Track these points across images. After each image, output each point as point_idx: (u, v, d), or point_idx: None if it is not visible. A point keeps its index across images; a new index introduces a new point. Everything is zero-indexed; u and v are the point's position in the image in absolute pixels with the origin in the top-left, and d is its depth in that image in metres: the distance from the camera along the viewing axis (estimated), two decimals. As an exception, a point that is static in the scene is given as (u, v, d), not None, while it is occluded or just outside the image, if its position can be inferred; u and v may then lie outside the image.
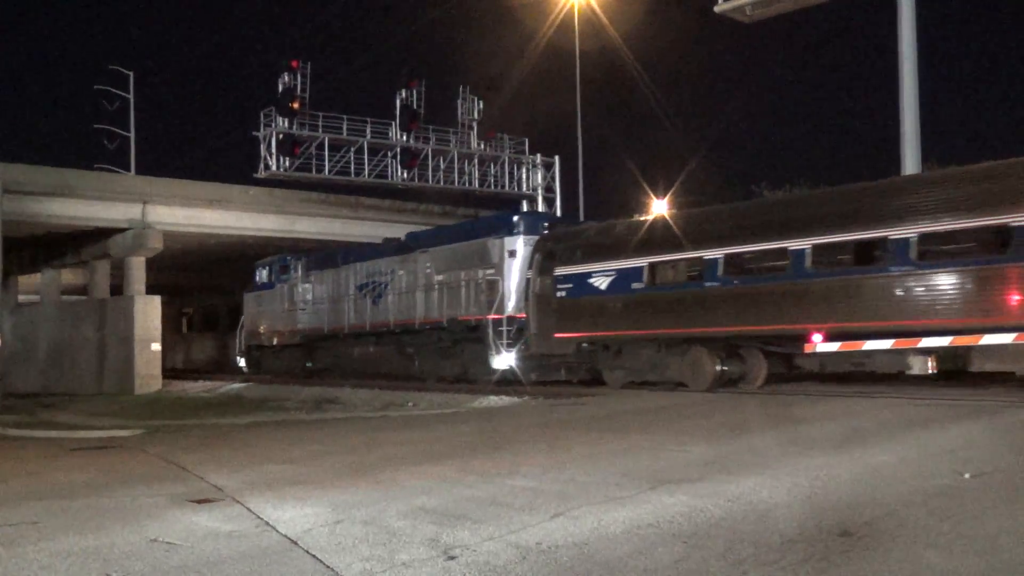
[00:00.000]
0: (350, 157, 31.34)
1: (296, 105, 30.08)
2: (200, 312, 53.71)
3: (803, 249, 16.37)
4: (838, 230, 15.96)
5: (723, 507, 6.75)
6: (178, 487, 8.56)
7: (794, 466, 8.36)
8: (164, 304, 36.13)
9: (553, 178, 35.54)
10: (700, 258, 18.35)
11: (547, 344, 21.53)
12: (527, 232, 23.91)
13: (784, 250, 16.74)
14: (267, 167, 30.23)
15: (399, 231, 37.18)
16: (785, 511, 6.62)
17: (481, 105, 34.00)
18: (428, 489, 7.82)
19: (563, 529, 6.23)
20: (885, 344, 15.19)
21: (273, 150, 29.92)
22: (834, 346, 15.87)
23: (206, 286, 49.55)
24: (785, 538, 5.90)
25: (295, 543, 6.15)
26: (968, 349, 14.35)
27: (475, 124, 33.86)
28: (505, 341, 23.00)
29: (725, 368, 18.19)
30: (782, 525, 6.21)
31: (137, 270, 33.58)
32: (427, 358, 26.70)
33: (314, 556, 5.82)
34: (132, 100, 44.15)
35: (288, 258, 33.98)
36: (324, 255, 32.62)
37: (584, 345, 20.87)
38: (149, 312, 33.11)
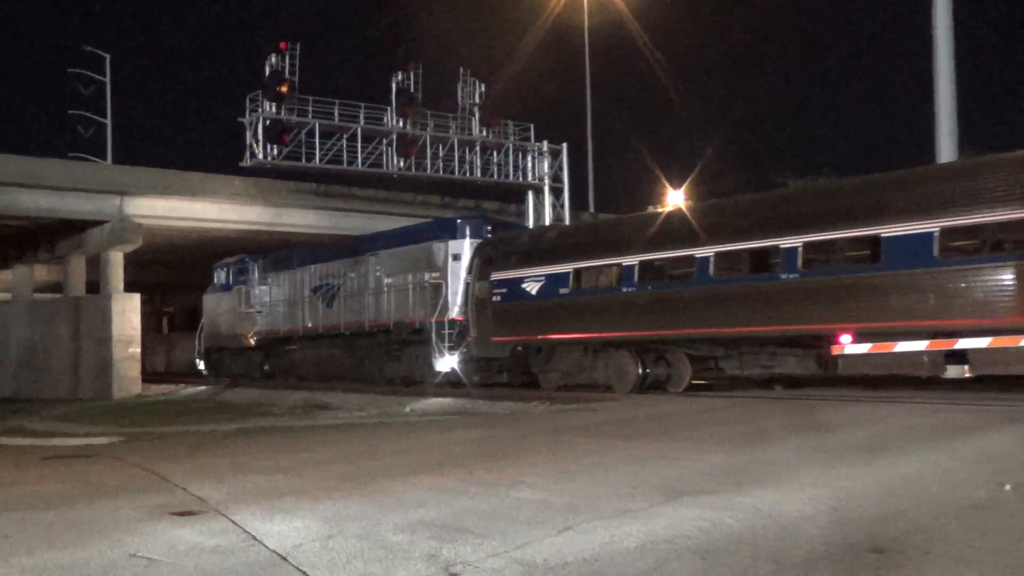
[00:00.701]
0: (342, 145, 31.33)
1: (285, 89, 30.08)
2: (182, 311, 53.66)
3: (707, 257, 18.75)
4: (737, 240, 18.42)
5: (743, 520, 6.75)
6: (159, 498, 8.58)
7: (818, 476, 8.35)
8: (144, 303, 36.21)
9: (561, 167, 35.49)
10: (619, 264, 20.71)
11: (486, 347, 23.89)
12: (472, 236, 26.54)
13: (692, 257, 19.11)
14: (253, 155, 30.23)
15: (394, 224, 37.19)
16: (809, 525, 6.61)
17: (483, 89, 33.97)
18: (426, 501, 7.82)
19: (571, 544, 6.23)
20: (919, 345, 15.33)
21: (260, 137, 29.91)
22: (864, 347, 15.96)
23: (189, 283, 49.50)
24: (810, 554, 5.90)
25: (284, 559, 6.15)
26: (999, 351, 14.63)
27: (477, 109, 33.84)
28: (447, 344, 25.41)
29: (648, 371, 20.20)
30: (806, 540, 6.21)
31: (115, 266, 33.64)
32: (375, 361, 29.06)
33: (304, 573, 5.83)
34: (109, 84, 44.21)
35: (247, 259, 35.73)
36: (281, 256, 34.51)
37: (519, 348, 23.26)
38: (128, 311, 33.18)
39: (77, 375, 33.90)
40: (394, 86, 32.54)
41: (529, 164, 35.23)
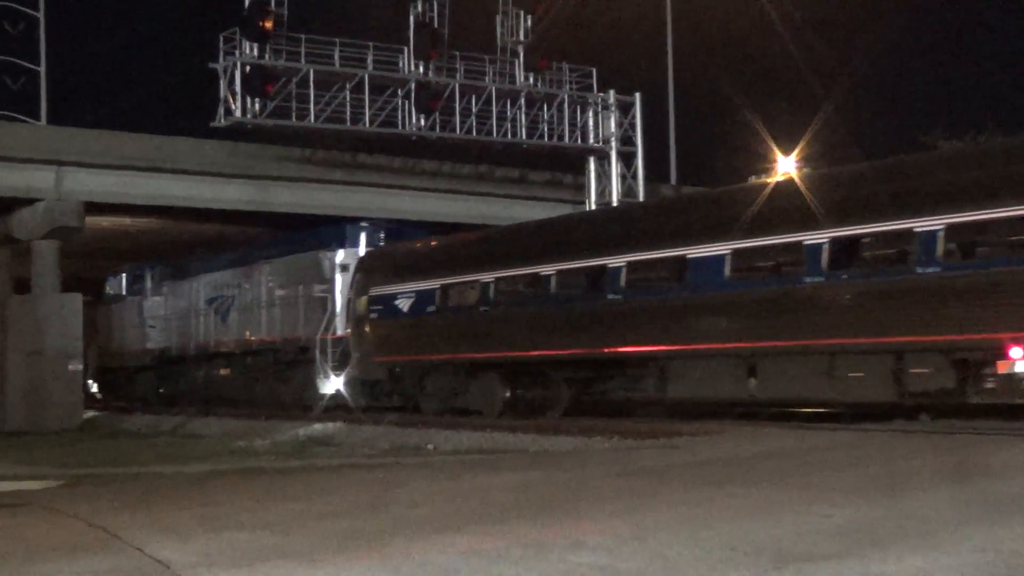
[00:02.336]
0: (345, 98, 31.52)
1: (269, 24, 30.32)
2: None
3: (549, 275, 23.63)
4: (576, 258, 23.35)
5: (878, 596, 6.69)
6: (108, 562, 8.65)
7: (980, 539, 8.24)
8: (87, 306, 36.64)
9: (632, 125, 35.41)
10: (479, 281, 24.99)
11: (366, 368, 28.18)
12: (368, 244, 30.70)
13: (538, 275, 23.70)
14: (229, 112, 30.52)
15: (411, 202, 37.30)
16: (968, 603, 6.54)
17: (529, 23, 33.97)
18: (456, 568, 7.83)
19: (648, 626, 6.20)
20: None
21: (238, 88, 30.20)
22: None
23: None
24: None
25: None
26: None
27: (521, 49, 33.86)
28: (331, 364, 29.33)
29: (518, 394, 24.35)
30: (963, 623, 6.14)
31: (49, 258, 34.07)
32: (265, 382, 33.16)
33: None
34: (43, 22, 44.77)
35: (144, 267, 38.99)
36: (178, 264, 37.75)
37: (396, 370, 27.57)
38: (67, 317, 33.58)
39: (1, 399, 34.39)
40: (412, 20, 32.68)
41: (590, 121, 35.17)
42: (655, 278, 22.11)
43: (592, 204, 35.21)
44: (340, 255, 30.83)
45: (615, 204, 32.10)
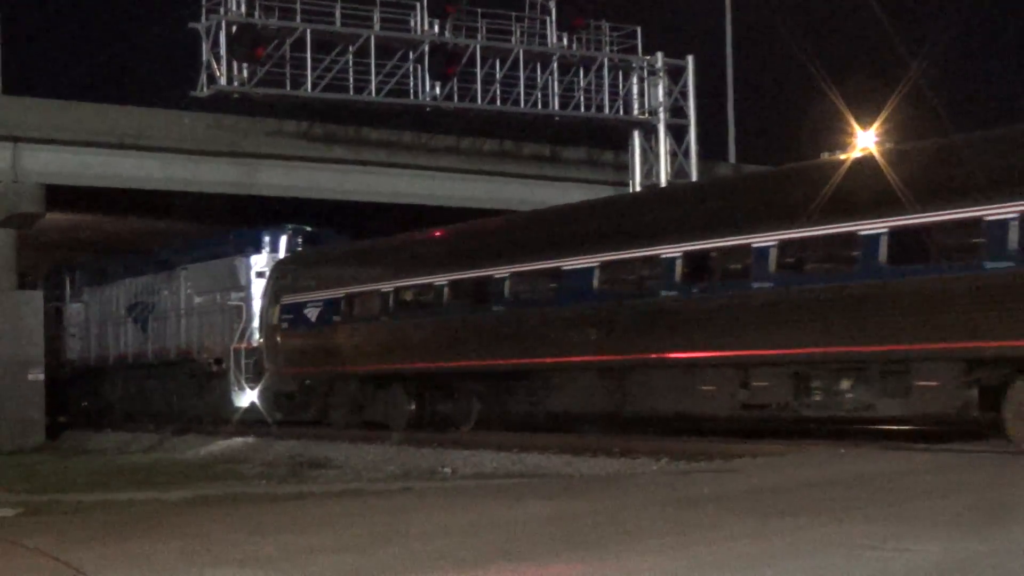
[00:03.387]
0: (348, 63, 31.56)
1: (259, -23, 30.37)
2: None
3: (443, 285, 27.30)
4: (466, 269, 27.07)
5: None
6: (73, 603, 8.69)
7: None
8: (49, 305, 36.87)
9: (684, 94, 35.29)
10: (378, 291, 28.87)
11: (278, 381, 31.89)
12: (288, 250, 34.07)
13: (432, 285, 27.55)
14: (213, 80, 30.62)
15: (426, 183, 37.31)
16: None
17: (563, -27, 33.94)
18: (479, 611, 7.85)
19: None
20: None
21: (223, 52, 30.27)
22: None
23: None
24: None
25: None
26: None
27: (553, 5, 33.83)
28: (245, 375, 32.73)
29: (425, 407, 27.92)
30: None
31: (4, 251, 34.21)
32: (184, 395, 36.31)
33: None
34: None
35: (63, 270, 41.29)
36: (99, 267, 40.20)
37: (307, 382, 31.29)
38: (25, 318, 33.72)
39: (-52, 415, 34.49)
40: (425, -30, 32.66)
41: (634, 89, 35.11)
42: (538, 289, 25.53)
43: (636, 185, 35.17)
44: (256, 261, 34.24)
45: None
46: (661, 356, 22.44)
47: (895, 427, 21.31)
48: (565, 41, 34.13)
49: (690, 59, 35.78)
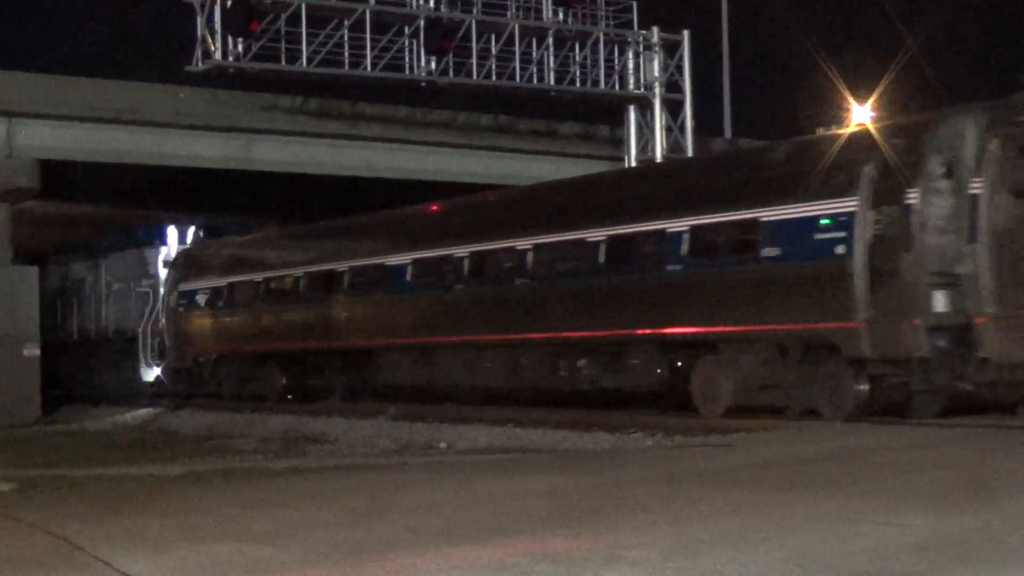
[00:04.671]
0: (343, 37, 31.45)
1: (254, -49, 30.23)
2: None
3: (300, 276, 32.80)
4: (315, 264, 32.37)
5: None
6: (70, 577, 8.70)
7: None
8: (44, 281, 36.83)
9: (680, 68, 35.19)
10: (252, 280, 34.41)
11: (177, 358, 37.34)
12: (193, 241, 39.59)
13: (293, 276, 33.01)
14: (208, 55, 30.47)
15: (421, 158, 37.26)
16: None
17: (559, -52, 33.78)
18: (473, 585, 7.86)
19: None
20: None
21: (218, 26, 30.15)
22: None
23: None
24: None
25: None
26: None
27: (548, -20, 33.68)
28: (151, 353, 38.91)
29: (296, 381, 33.12)
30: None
31: None
32: (101, 371, 42.07)
33: None
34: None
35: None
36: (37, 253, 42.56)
37: (200, 359, 36.24)
38: (21, 294, 33.67)
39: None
40: (421, -56, 32.53)
41: (630, 64, 35.00)
42: (370, 282, 30.27)
43: (632, 160, 35.07)
44: (163, 252, 39.76)
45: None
46: (451, 339, 27.37)
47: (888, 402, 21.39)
48: (561, 16, 33.97)
49: (686, 34, 35.60)
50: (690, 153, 34.42)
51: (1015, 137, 18.48)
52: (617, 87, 34.85)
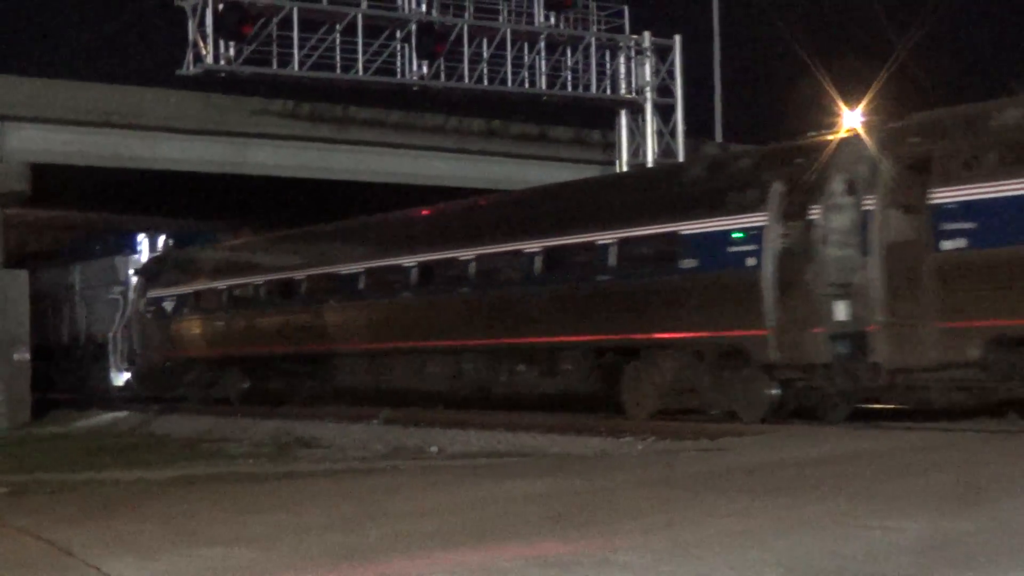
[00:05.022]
0: (334, 41, 31.44)
1: (246, -45, 30.21)
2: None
3: (259, 285, 34.84)
4: (272, 273, 34.42)
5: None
6: (60, 582, 8.68)
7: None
8: (34, 284, 36.79)
9: (671, 73, 35.22)
10: (216, 289, 36.10)
11: (146, 362, 38.94)
12: (162, 250, 41.44)
13: (251, 285, 34.84)
14: (200, 59, 30.43)
15: (413, 163, 37.25)
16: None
17: (552, -48, 33.80)
18: (466, 589, 7.85)
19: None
20: None
21: (209, 30, 30.11)
22: None
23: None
24: None
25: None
26: None
27: (540, -16, 33.69)
28: (121, 358, 40.68)
29: (258, 384, 34.98)
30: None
31: (-10, 229, 34.07)
32: (76, 374, 43.92)
33: None
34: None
35: None
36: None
37: (168, 364, 37.87)
38: (12, 298, 33.59)
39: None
40: (413, -51, 32.51)
41: (621, 69, 35.02)
42: (326, 289, 31.76)
43: (624, 164, 35.11)
44: (133, 260, 41.70)
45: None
46: (400, 345, 28.84)
47: (878, 407, 21.50)
48: (552, 20, 33.98)
49: (677, 38, 35.62)
50: (681, 157, 34.44)
51: (904, 157, 19.50)
52: (609, 91, 34.87)
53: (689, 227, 22.10)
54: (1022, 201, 18.01)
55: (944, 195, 18.76)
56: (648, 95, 35.05)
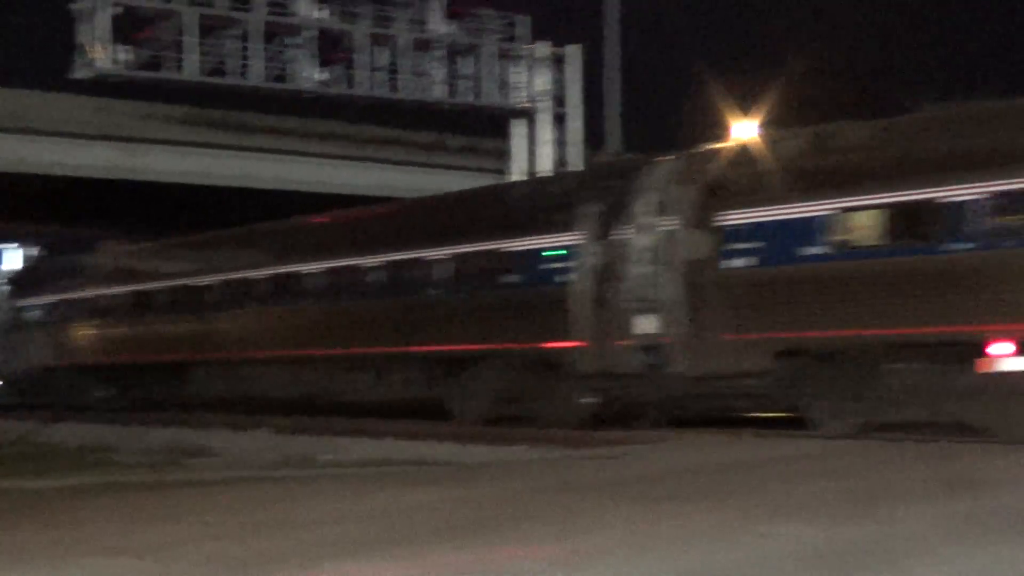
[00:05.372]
0: (232, 47, 31.20)
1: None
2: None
3: (118, 295, 35.82)
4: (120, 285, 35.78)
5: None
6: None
7: (970, 559, 8.32)
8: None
9: (569, 82, 35.37)
10: (74, 299, 37.43)
11: (12, 371, 40.55)
12: (25, 263, 42.80)
13: (109, 295, 36.13)
14: (91, 63, 30.07)
15: (309, 170, 37.13)
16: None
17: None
18: (360, 599, 7.77)
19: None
20: None
21: (103, 33, 29.74)
22: None
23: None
24: None
25: None
26: None
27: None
28: None
29: (116, 392, 35.99)
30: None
31: None
32: None
33: None
34: None
35: None
36: None
37: (32, 371, 39.16)
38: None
39: None
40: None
41: (520, 78, 35.11)
42: (181, 301, 32.83)
43: (518, 174, 35.20)
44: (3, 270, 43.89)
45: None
46: (249, 355, 30.18)
47: (768, 415, 21.83)
48: (451, 29, 33.98)
49: (571, 48, 35.86)
50: (580, 166, 34.64)
51: (702, 181, 20.76)
52: (505, 100, 34.96)
53: (512, 245, 23.66)
54: (795, 224, 19.34)
55: (731, 217, 20.11)
56: (545, 104, 35.18)
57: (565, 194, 23.52)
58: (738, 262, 19.92)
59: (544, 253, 22.89)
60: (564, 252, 22.43)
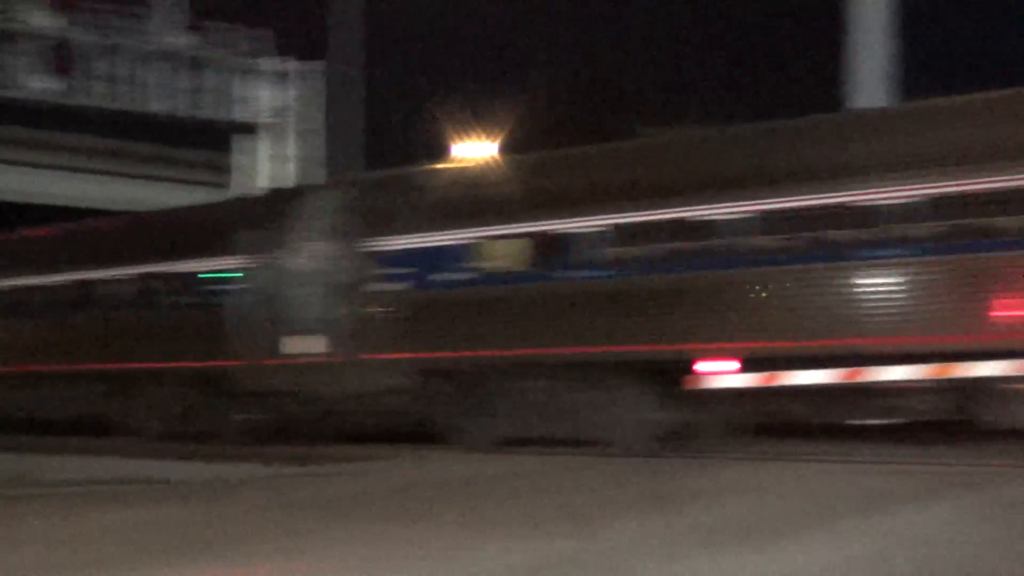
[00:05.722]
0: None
1: None
2: None
3: None
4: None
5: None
6: None
7: (668, 573, 8.54)
8: None
9: (297, 97, 35.17)
10: None
11: None
12: None
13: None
14: None
15: (33, 181, 36.08)
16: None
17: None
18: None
19: None
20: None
21: None
22: None
23: None
24: None
25: None
26: None
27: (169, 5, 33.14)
28: None
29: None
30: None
31: None
32: None
33: None
34: None
35: None
36: None
37: None
38: None
39: None
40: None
41: (249, 92, 34.82)
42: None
43: (239, 189, 34.86)
44: None
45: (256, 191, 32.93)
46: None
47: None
48: (181, 41, 33.42)
49: (292, 64, 35.63)
50: (296, 182, 34.47)
51: (358, 208, 21.68)
52: (228, 114, 34.59)
53: (185, 267, 24.40)
54: (431, 251, 20.68)
55: (381, 244, 21.22)
56: (264, 120, 34.95)
57: (231, 218, 24.34)
58: (386, 286, 21.07)
59: (210, 275, 23.87)
60: (227, 275, 23.36)
